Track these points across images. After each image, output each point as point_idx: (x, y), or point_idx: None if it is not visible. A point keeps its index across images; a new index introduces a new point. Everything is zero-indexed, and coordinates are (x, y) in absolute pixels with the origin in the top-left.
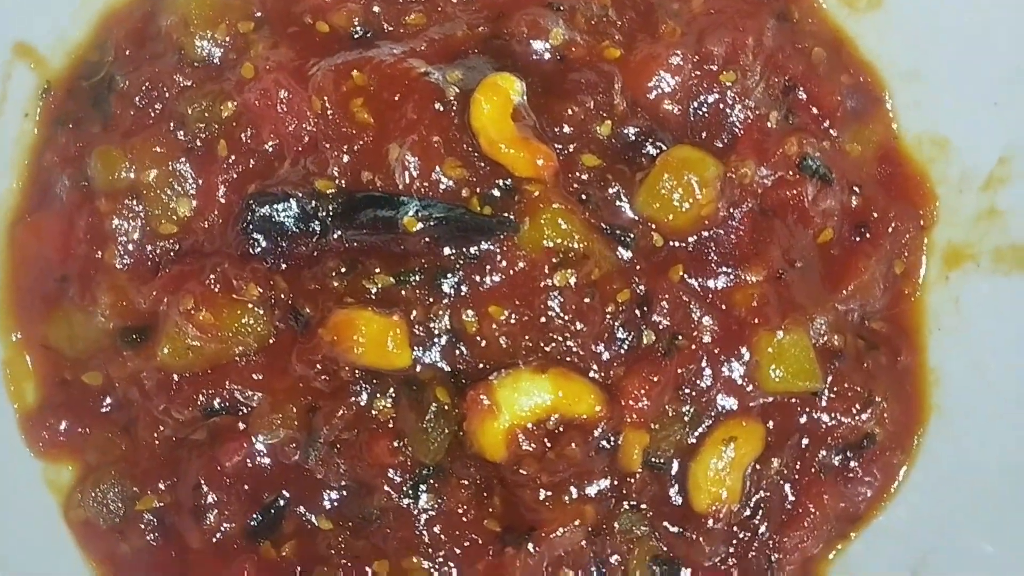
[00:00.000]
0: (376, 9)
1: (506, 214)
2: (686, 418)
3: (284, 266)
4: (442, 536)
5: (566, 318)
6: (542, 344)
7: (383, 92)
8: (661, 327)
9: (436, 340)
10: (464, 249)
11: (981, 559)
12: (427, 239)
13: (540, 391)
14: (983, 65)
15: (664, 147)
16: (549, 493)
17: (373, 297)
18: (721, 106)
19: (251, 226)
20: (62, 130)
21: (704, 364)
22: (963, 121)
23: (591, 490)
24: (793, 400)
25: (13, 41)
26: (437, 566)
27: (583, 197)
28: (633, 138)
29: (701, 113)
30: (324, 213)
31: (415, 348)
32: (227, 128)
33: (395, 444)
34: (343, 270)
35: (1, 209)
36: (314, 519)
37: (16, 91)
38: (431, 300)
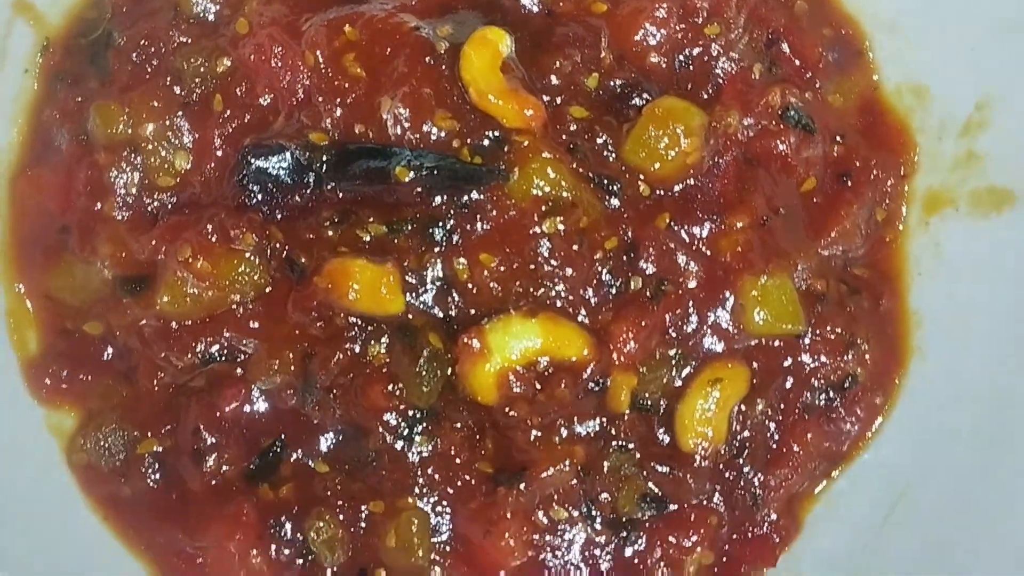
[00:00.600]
0: None
1: (496, 164)
2: (673, 361)
3: (279, 217)
4: (436, 477)
5: (555, 264)
6: (532, 290)
7: (375, 46)
8: (648, 273)
9: (428, 287)
10: (455, 198)
11: (958, 493)
12: (419, 189)
13: (530, 335)
14: (960, 14)
15: (650, 99)
16: (539, 434)
17: (366, 246)
18: (706, 58)
19: (247, 178)
20: (61, 86)
21: (690, 308)
22: (942, 69)
23: (580, 431)
24: (777, 343)
25: None
26: (431, 506)
27: (571, 147)
28: (620, 90)
29: (686, 65)
30: (318, 165)
31: (408, 295)
32: (222, 83)
33: (389, 388)
34: (337, 220)
35: (2, 163)
36: (311, 462)
37: (16, 48)
38: (423, 248)
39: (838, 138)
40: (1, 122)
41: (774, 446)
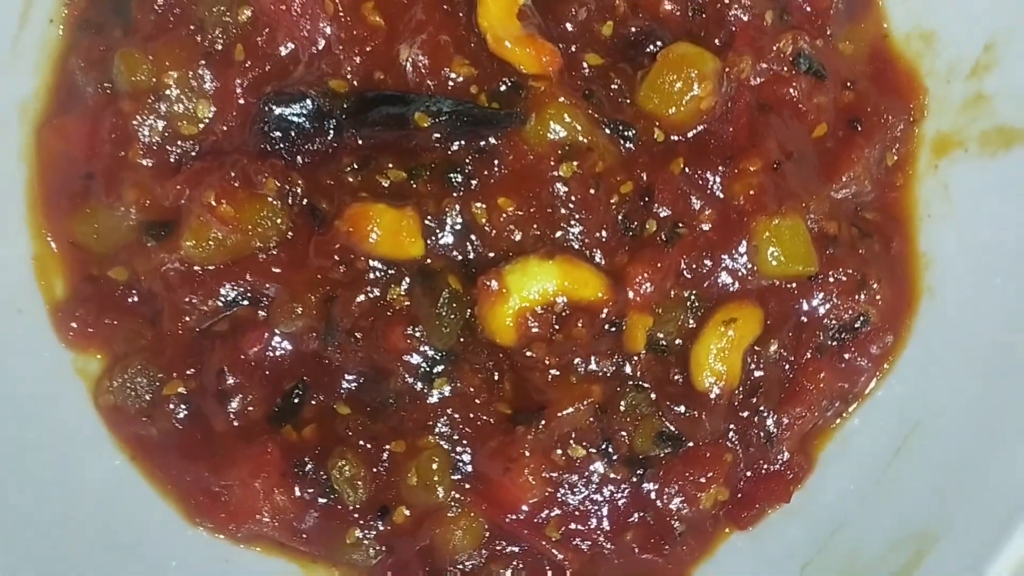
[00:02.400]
0: None
1: (513, 109)
2: (688, 302)
3: (300, 163)
4: (455, 417)
5: (572, 208)
6: (549, 233)
7: None
8: (663, 216)
9: (447, 231)
10: (473, 143)
11: (967, 428)
12: (437, 134)
13: (547, 276)
14: None
15: (664, 45)
16: (557, 374)
17: (386, 191)
18: (718, 6)
19: (268, 125)
20: (85, 35)
21: (704, 251)
22: (949, 13)
23: (597, 371)
24: (791, 284)
25: None
26: (452, 444)
27: (587, 93)
28: (634, 38)
29: (699, 13)
30: (338, 112)
31: (427, 238)
32: (244, 32)
33: (410, 330)
34: (357, 166)
35: (28, 111)
36: (333, 404)
37: None
38: (442, 193)
39: (848, 84)
40: (26, 71)
41: (788, 385)
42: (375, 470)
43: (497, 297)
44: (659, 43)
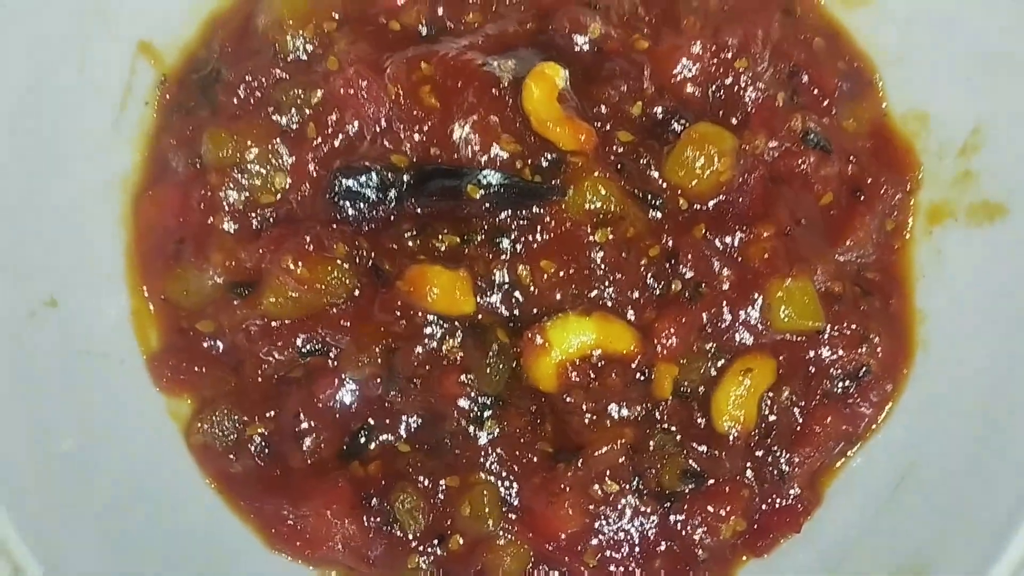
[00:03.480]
0: (440, 10)
1: (554, 182)
2: (709, 353)
3: (366, 229)
4: (503, 455)
5: (606, 270)
6: (586, 292)
7: (447, 80)
8: (687, 277)
9: (496, 290)
10: (519, 212)
11: (958, 468)
12: (487, 204)
13: (585, 332)
14: (958, 49)
15: (687, 124)
16: (593, 418)
17: (442, 254)
18: (736, 88)
19: (338, 195)
20: (177, 116)
21: (724, 308)
22: (941, 97)
23: (629, 415)
24: (800, 338)
25: (136, 41)
26: (500, 480)
27: (619, 167)
28: (661, 116)
29: (718, 94)
30: (399, 183)
31: (478, 297)
32: (316, 113)
33: (463, 378)
34: (416, 232)
35: (127, 184)
36: (395, 443)
37: (138, 83)
38: (491, 256)
39: (852, 158)
40: (126, 148)
41: (798, 428)
42: (432, 502)
43: (540, 350)
44: (683, 121)
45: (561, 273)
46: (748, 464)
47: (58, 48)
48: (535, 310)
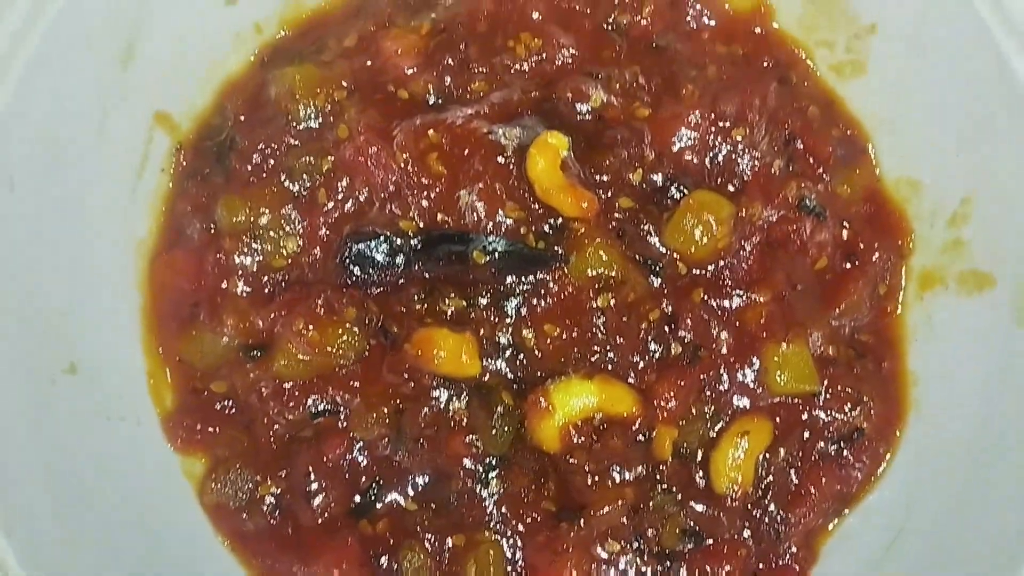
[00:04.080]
0: (447, 79)
1: (557, 248)
2: (707, 415)
3: (375, 292)
4: (508, 514)
5: (608, 334)
6: (588, 355)
7: (454, 148)
8: (686, 340)
9: (501, 352)
10: (523, 277)
11: (949, 528)
12: (492, 269)
13: (587, 394)
14: (948, 121)
15: (686, 191)
16: (596, 478)
17: (448, 317)
18: (733, 156)
19: (348, 260)
20: (192, 182)
21: (722, 371)
22: (933, 167)
23: (630, 475)
24: (796, 400)
25: (153, 111)
26: (505, 539)
27: (620, 233)
28: (660, 183)
29: (717, 162)
30: (407, 248)
31: (484, 359)
32: (326, 179)
33: (468, 439)
34: (423, 295)
35: (143, 248)
36: (402, 501)
37: (154, 151)
38: (496, 319)
39: (846, 223)
40: (143, 214)
41: (794, 488)
42: (439, 560)
43: (544, 412)
44: (682, 188)
45: (564, 337)
46: (745, 523)
47: (79, 119)
48: (539, 372)
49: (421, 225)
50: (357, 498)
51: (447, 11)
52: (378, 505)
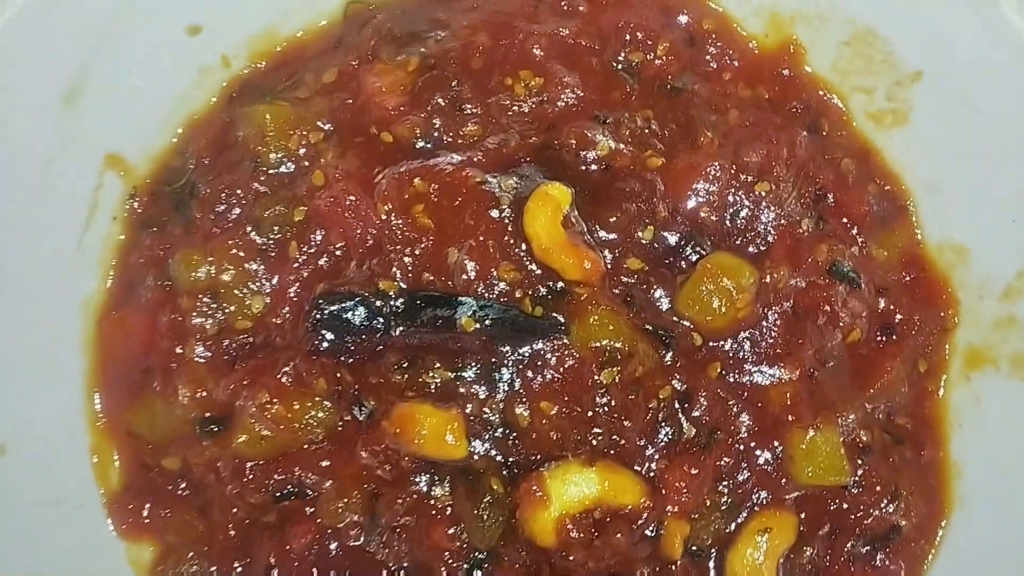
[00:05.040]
0: (436, 121)
1: (556, 315)
2: (724, 508)
3: (350, 360)
4: None
5: (612, 414)
6: (589, 438)
7: (443, 199)
8: (701, 422)
9: (491, 432)
10: (517, 347)
11: None
12: (483, 338)
13: (588, 483)
14: (1002, 181)
15: (703, 252)
16: None
17: (432, 391)
18: (756, 213)
19: (320, 323)
20: (147, 232)
21: (741, 458)
22: (983, 233)
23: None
24: (824, 492)
25: (104, 152)
26: None
27: (628, 299)
28: (674, 243)
29: (737, 220)
30: (387, 311)
31: (471, 440)
32: (299, 231)
33: (451, 530)
34: (404, 365)
35: (90, 305)
36: None
37: (106, 196)
38: (486, 394)
39: (882, 292)
40: (90, 268)
41: None
42: None
43: (538, 502)
44: (698, 250)
45: (563, 416)
46: None
47: (17, 164)
48: (533, 456)
49: (404, 286)
50: None
51: (438, 45)
52: None
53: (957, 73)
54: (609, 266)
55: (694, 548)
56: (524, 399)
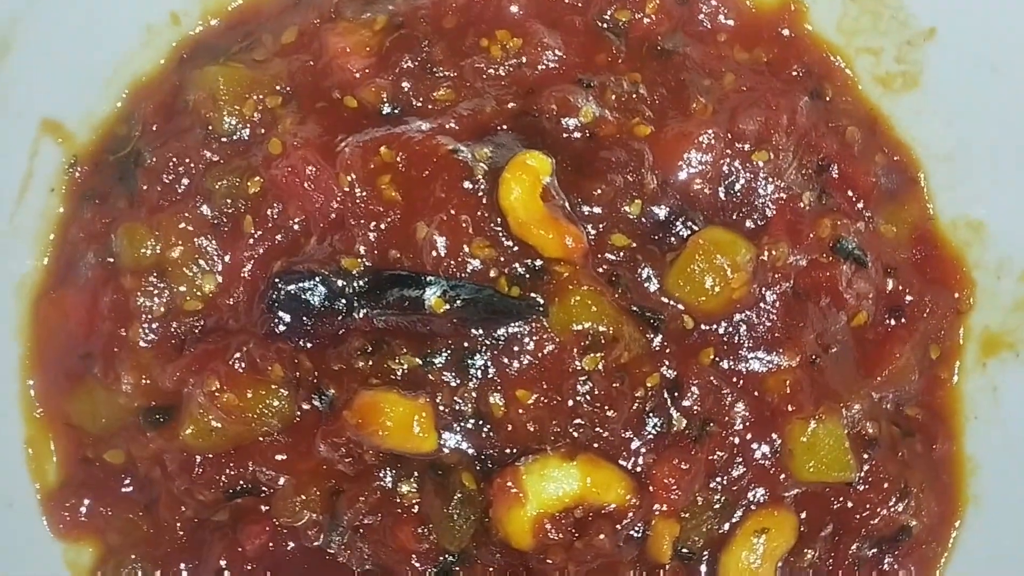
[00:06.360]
0: (405, 85)
1: (534, 295)
2: (717, 507)
3: (309, 345)
4: None
5: (595, 404)
6: (570, 429)
7: (411, 169)
8: (692, 413)
9: (462, 423)
10: (492, 331)
11: None
12: (454, 320)
13: (568, 478)
14: (1022, 152)
15: (695, 227)
16: None
17: (399, 378)
18: (753, 186)
19: (277, 304)
20: (88, 205)
21: (736, 452)
22: (1001, 207)
23: None
24: (827, 490)
25: (40, 118)
26: None
27: (613, 278)
28: (663, 218)
29: (733, 193)
30: (350, 291)
31: (441, 432)
32: (254, 204)
33: (419, 530)
34: (369, 350)
35: (27, 284)
36: None
37: (42, 166)
38: (457, 382)
39: (890, 271)
40: (27, 243)
41: None
42: None
43: (514, 500)
44: (690, 224)
45: (541, 405)
46: None
47: None
48: (509, 449)
49: (368, 264)
50: None
51: (406, 2)
52: None
53: (974, 30)
54: (592, 242)
55: (684, 550)
56: (499, 387)
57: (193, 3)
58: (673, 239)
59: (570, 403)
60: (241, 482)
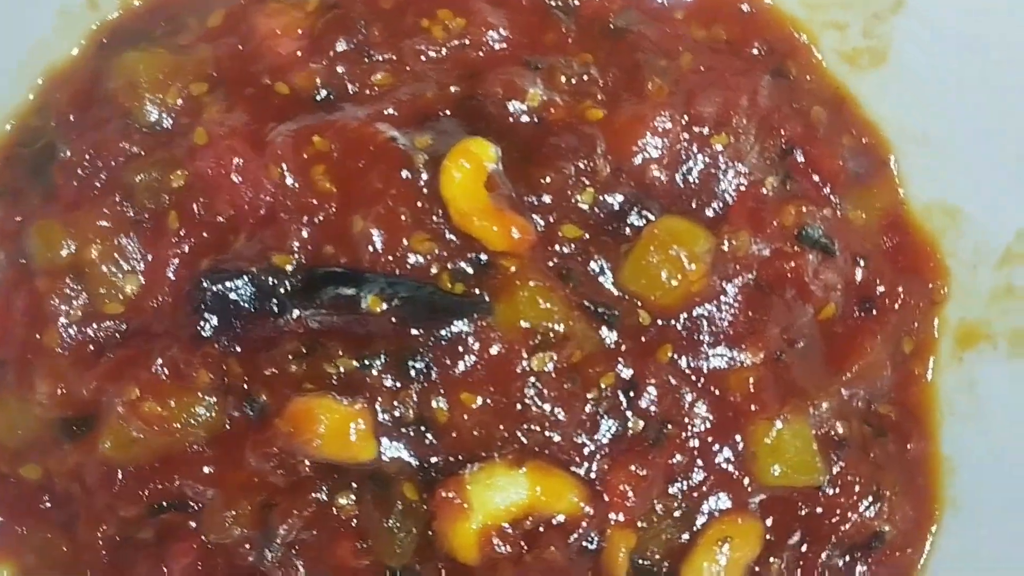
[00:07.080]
0: (340, 69)
1: (479, 292)
2: (676, 515)
3: (238, 349)
4: None
5: (545, 406)
6: (519, 435)
7: (347, 159)
8: (649, 414)
9: (403, 430)
10: (433, 330)
11: None
12: (393, 319)
13: (516, 487)
14: (1000, 130)
15: (651, 216)
16: None
17: (335, 382)
18: (712, 171)
19: (203, 305)
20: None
21: (696, 456)
22: (977, 191)
23: None
24: (794, 495)
25: None
26: None
27: (563, 272)
28: (617, 207)
29: (691, 179)
30: (282, 291)
31: (380, 439)
32: (178, 199)
33: (358, 545)
34: (303, 353)
35: None
36: None
37: None
38: (398, 386)
39: (860, 260)
40: None
41: None
42: None
43: (458, 511)
44: (645, 213)
45: (487, 409)
46: None
47: None
48: (453, 458)
49: (301, 260)
50: None
51: None
52: None
53: (946, 1)
54: (541, 234)
55: (642, 562)
56: (442, 391)
57: None
58: (628, 229)
59: (518, 406)
60: (166, 497)
